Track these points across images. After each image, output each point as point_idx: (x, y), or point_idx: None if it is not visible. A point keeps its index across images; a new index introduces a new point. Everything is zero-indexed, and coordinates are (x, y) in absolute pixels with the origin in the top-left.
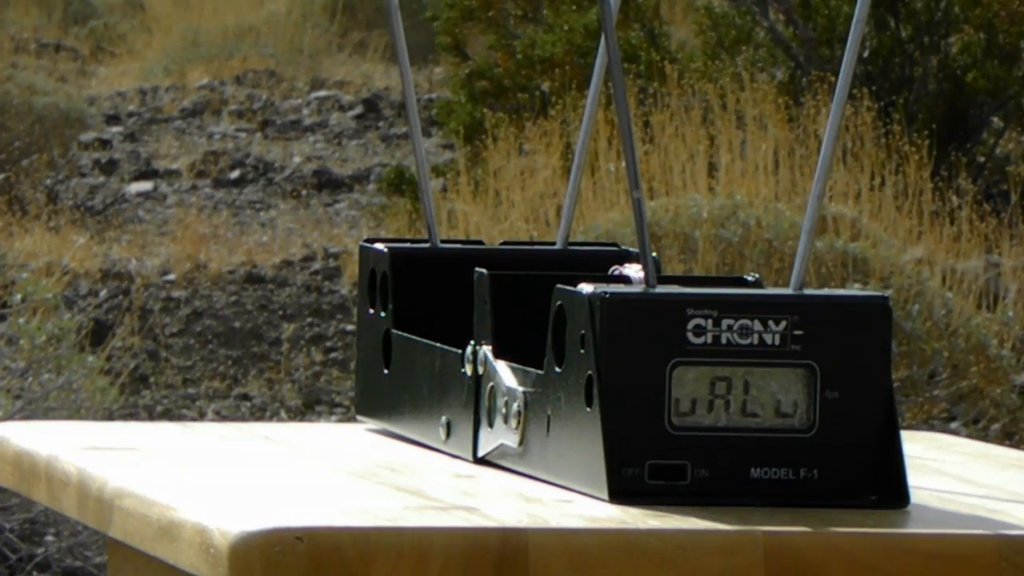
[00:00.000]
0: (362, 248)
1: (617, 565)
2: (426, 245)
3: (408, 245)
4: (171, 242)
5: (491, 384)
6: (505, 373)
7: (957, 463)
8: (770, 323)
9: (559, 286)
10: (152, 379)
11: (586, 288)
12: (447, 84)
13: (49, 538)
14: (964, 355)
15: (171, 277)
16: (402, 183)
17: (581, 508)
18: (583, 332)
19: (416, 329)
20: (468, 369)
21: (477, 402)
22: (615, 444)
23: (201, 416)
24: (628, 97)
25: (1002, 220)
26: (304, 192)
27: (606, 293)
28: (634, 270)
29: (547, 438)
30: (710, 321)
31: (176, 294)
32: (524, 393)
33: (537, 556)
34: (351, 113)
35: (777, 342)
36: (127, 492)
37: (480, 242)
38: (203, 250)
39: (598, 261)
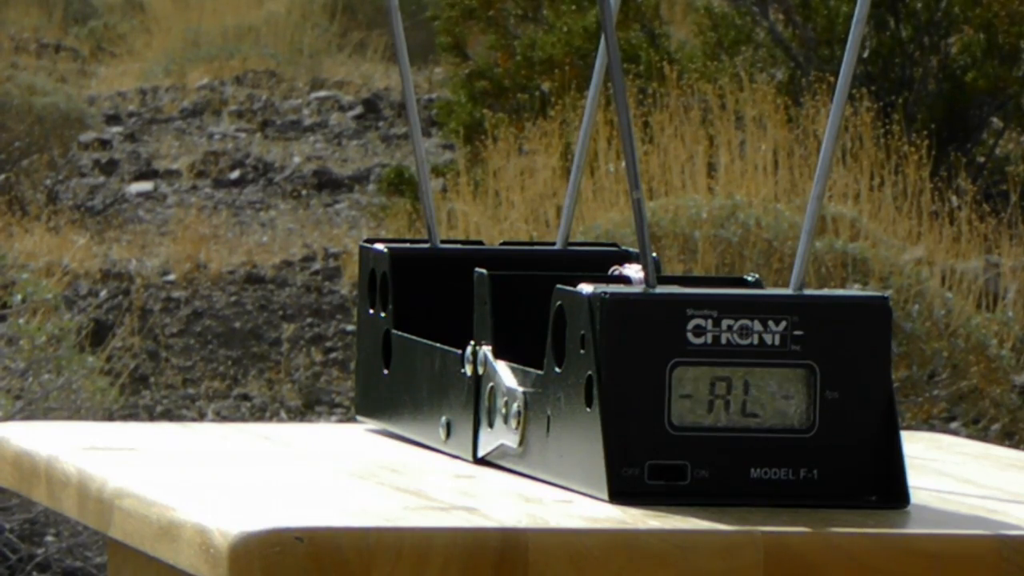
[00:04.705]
0: (362, 248)
1: (617, 565)
2: (426, 245)
3: (408, 245)
4: (171, 242)
5: (491, 384)
6: (505, 373)
7: (957, 463)
8: (770, 323)
9: (559, 286)
10: (152, 379)
11: (586, 288)
12: (447, 84)
13: (49, 538)
14: (964, 355)
15: (171, 277)
16: (402, 183)
17: (581, 508)
18: (583, 332)
19: (416, 329)
20: (468, 369)
21: (477, 402)
22: (615, 444)
23: (201, 416)
24: (628, 97)
25: (1001, 220)
26: (304, 192)
27: (606, 293)
28: (634, 270)
29: (547, 438)
30: (710, 321)
31: (176, 294)
32: (524, 393)
33: (537, 556)
34: (351, 113)
35: (777, 342)
36: (127, 492)
37: (480, 242)
38: (203, 250)
39: (598, 261)
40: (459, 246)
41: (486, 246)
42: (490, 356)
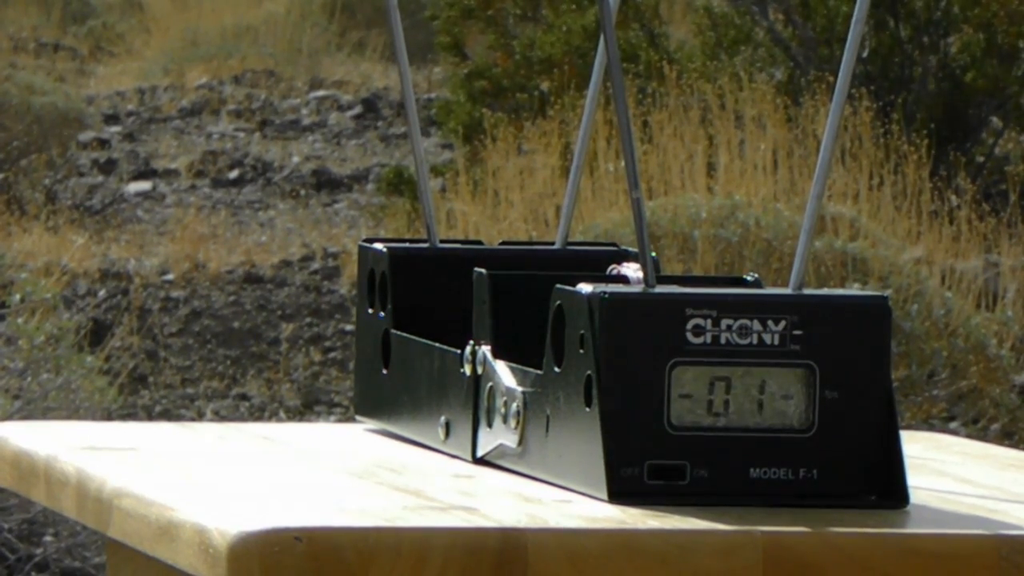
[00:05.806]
0: (361, 248)
1: (616, 565)
2: (425, 245)
3: (407, 245)
4: (170, 242)
5: (490, 384)
6: (504, 373)
7: (956, 463)
8: (769, 323)
9: (558, 286)
10: (151, 379)
11: (585, 288)
12: (446, 84)
13: (48, 538)
14: (963, 355)
15: (170, 277)
16: (401, 183)
17: (580, 508)
18: (582, 332)
19: (415, 329)
20: (467, 369)
21: (476, 402)
22: (614, 444)
23: (200, 416)
24: (627, 97)
25: (1001, 220)
26: (303, 192)
27: (605, 293)
28: (632, 270)
29: (546, 438)
30: (709, 321)
31: (175, 294)
32: (523, 393)
33: (536, 556)
34: (350, 113)
35: (776, 342)
36: (126, 492)
37: (479, 242)
38: (202, 250)
39: (597, 261)
40: (458, 246)
41: (485, 246)
42: (489, 356)
